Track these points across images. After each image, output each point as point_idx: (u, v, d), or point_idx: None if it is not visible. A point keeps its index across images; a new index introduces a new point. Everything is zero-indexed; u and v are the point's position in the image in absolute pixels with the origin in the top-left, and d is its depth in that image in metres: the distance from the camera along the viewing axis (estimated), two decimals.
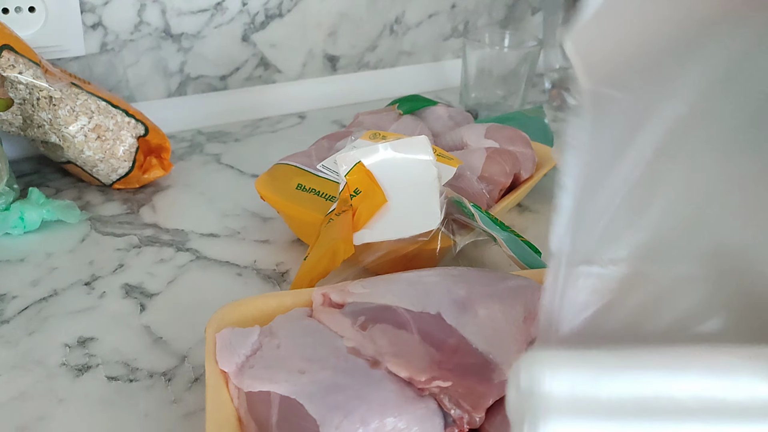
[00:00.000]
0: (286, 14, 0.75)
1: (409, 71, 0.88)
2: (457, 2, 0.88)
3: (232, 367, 0.33)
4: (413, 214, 0.42)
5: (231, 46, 0.73)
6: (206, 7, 0.69)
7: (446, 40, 0.89)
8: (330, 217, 0.42)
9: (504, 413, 0.31)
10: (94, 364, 0.40)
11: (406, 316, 0.34)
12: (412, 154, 0.42)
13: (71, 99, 0.55)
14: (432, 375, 0.31)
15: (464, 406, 0.31)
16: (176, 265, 0.50)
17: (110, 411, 0.37)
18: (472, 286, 0.36)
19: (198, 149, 0.68)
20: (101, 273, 0.48)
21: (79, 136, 0.55)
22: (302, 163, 0.51)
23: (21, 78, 0.52)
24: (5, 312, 0.44)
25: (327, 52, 0.80)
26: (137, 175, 0.59)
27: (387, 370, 0.31)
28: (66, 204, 0.53)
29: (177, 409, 0.37)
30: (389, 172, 0.42)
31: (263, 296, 0.38)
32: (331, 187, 0.48)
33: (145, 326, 0.43)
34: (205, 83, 0.73)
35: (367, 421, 0.29)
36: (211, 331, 0.34)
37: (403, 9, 0.83)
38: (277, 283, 0.48)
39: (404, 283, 0.36)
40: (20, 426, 0.36)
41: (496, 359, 0.32)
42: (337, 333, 0.34)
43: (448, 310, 0.34)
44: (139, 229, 0.54)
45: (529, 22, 0.97)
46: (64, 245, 0.51)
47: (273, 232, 0.54)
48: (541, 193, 0.62)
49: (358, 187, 0.42)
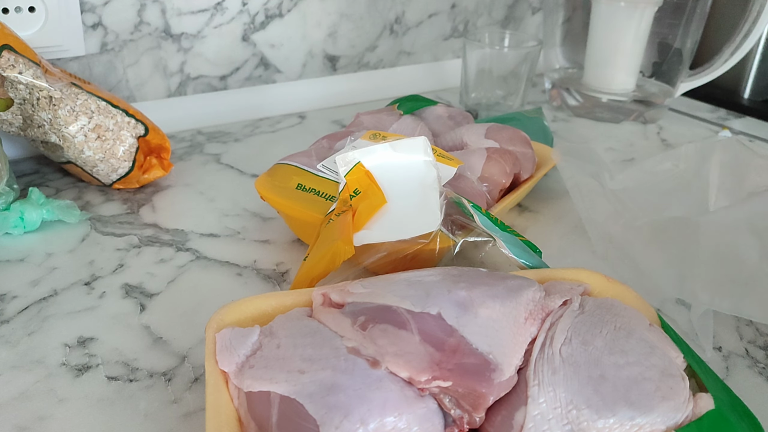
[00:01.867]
0: (286, 14, 0.75)
1: (409, 71, 0.88)
2: (457, 2, 0.88)
3: (232, 367, 0.33)
4: (413, 215, 0.42)
5: (231, 46, 0.73)
6: (206, 7, 0.69)
7: (446, 40, 0.89)
8: (330, 218, 0.42)
9: (504, 413, 0.31)
10: (94, 364, 0.40)
11: (406, 316, 0.34)
12: (412, 154, 0.42)
13: (71, 99, 0.55)
14: (432, 375, 0.31)
15: (464, 406, 0.31)
16: (176, 265, 0.50)
17: (110, 411, 0.37)
18: (472, 286, 0.36)
19: (198, 149, 0.68)
20: (101, 273, 0.48)
21: (79, 136, 0.55)
22: (302, 163, 0.51)
23: (21, 78, 0.52)
24: (5, 312, 0.44)
25: (327, 52, 0.80)
26: (137, 175, 0.59)
27: (387, 370, 0.31)
28: (66, 204, 0.53)
29: (177, 409, 0.37)
30: (389, 173, 0.42)
31: (263, 296, 0.38)
32: (331, 187, 0.48)
33: (145, 326, 0.43)
34: (205, 83, 0.73)
35: (367, 421, 0.29)
36: (211, 331, 0.34)
37: (403, 9, 0.83)
38: (277, 283, 0.48)
39: (404, 283, 0.36)
40: (20, 426, 0.36)
41: (496, 359, 0.32)
42: (337, 333, 0.34)
43: (449, 310, 0.34)
44: (139, 229, 0.54)
45: (529, 22, 0.97)
46: (64, 245, 0.51)
47: (273, 232, 0.54)
48: (541, 193, 0.62)
49: (358, 188, 0.42)
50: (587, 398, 0.30)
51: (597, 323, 0.34)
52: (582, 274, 0.40)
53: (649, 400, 0.30)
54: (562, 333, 0.34)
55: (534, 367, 0.32)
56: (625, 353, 0.32)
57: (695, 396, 0.31)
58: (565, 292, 0.37)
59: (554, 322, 0.35)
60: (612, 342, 0.33)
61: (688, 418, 0.30)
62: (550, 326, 0.35)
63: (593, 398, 0.30)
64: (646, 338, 0.34)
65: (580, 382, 0.31)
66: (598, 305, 0.36)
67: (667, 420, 0.29)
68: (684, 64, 0.83)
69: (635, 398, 0.30)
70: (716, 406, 0.30)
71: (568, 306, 0.36)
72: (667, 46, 0.83)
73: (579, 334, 0.34)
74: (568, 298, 0.37)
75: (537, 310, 0.35)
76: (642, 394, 0.30)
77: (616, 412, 0.29)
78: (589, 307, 0.36)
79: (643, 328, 0.34)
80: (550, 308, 0.36)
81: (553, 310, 0.36)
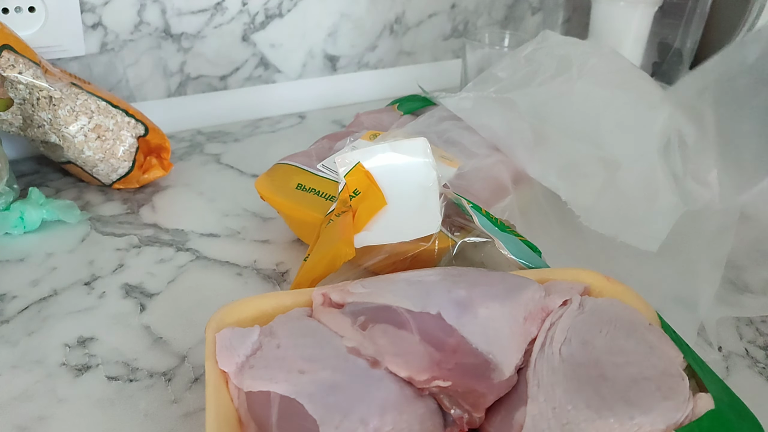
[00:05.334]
0: (286, 14, 0.75)
1: (409, 71, 0.87)
2: (457, 2, 0.88)
3: (232, 367, 0.33)
4: (413, 217, 0.42)
5: (231, 46, 0.73)
6: (206, 7, 0.69)
7: (446, 40, 0.89)
8: (330, 218, 0.42)
9: (504, 413, 0.31)
10: (94, 364, 0.40)
11: (406, 316, 0.34)
12: (412, 156, 0.42)
13: (71, 99, 0.55)
14: (432, 375, 0.31)
15: (464, 406, 0.31)
16: (176, 265, 0.50)
17: (110, 411, 0.37)
18: (472, 286, 0.36)
19: (198, 149, 0.68)
20: (101, 273, 0.48)
21: (79, 136, 0.55)
22: (302, 163, 0.51)
23: (21, 78, 0.52)
24: (5, 312, 0.44)
25: (327, 52, 0.80)
26: (137, 175, 0.59)
27: (387, 369, 0.31)
28: (66, 204, 0.53)
29: (177, 409, 0.37)
30: (389, 174, 0.42)
31: (263, 296, 0.38)
32: (331, 187, 0.48)
33: (145, 326, 0.43)
34: (205, 83, 0.73)
35: (367, 420, 0.29)
36: (211, 331, 0.34)
37: (403, 9, 0.83)
38: (277, 283, 0.48)
39: (404, 283, 0.36)
40: (20, 426, 0.36)
41: (496, 359, 0.32)
42: (337, 333, 0.34)
43: (449, 310, 0.34)
44: (139, 229, 0.54)
45: (529, 22, 0.97)
46: (64, 245, 0.51)
47: (273, 232, 0.54)
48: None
49: (358, 188, 0.42)
50: (587, 398, 0.30)
51: (597, 323, 0.34)
52: (582, 274, 0.40)
53: (648, 400, 0.30)
54: (561, 333, 0.34)
55: (534, 367, 0.32)
56: (624, 353, 0.32)
57: (695, 396, 0.31)
58: (564, 292, 0.37)
59: (554, 322, 0.35)
60: (612, 342, 0.33)
61: (688, 417, 0.30)
62: (550, 326, 0.35)
63: (593, 398, 0.30)
64: (646, 338, 0.33)
65: (579, 382, 0.31)
66: (598, 305, 0.36)
67: (667, 420, 0.29)
68: (684, 64, 0.83)
69: (635, 398, 0.30)
70: (716, 406, 0.30)
71: (567, 306, 0.36)
72: (667, 46, 0.83)
73: (579, 334, 0.34)
74: (567, 298, 0.37)
75: (537, 310, 0.35)
76: (642, 394, 0.30)
77: (616, 412, 0.29)
78: (589, 307, 0.36)
79: (643, 328, 0.34)
80: (550, 308, 0.36)
81: (552, 310, 0.36)
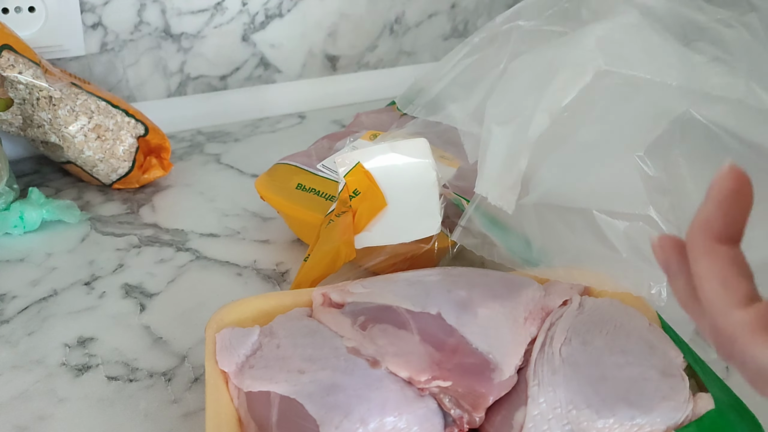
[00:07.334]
0: (286, 14, 0.75)
1: (409, 71, 0.87)
2: (457, 2, 0.87)
3: (232, 367, 0.33)
4: (413, 218, 0.42)
5: (231, 46, 0.73)
6: (206, 7, 0.69)
7: (446, 40, 0.89)
8: (330, 218, 0.42)
9: (504, 413, 0.31)
10: (94, 364, 0.40)
11: (406, 316, 0.34)
12: (412, 156, 0.42)
13: (71, 99, 0.55)
14: (432, 375, 0.31)
15: (464, 406, 0.31)
16: (176, 265, 0.50)
17: (110, 411, 0.37)
18: (472, 286, 0.36)
19: (198, 149, 0.68)
20: (101, 273, 0.48)
21: (78, 136, 0.55)
22: (302, 163, 0.51)
23: (21, 78, 0.52)
24: (5, 312, 0.44)
25: (327, 52, 0.80)
26: (137, 175, 0.59)
27: (387, 369, 0.31)
28: (66, 204, 0.53)
29: (177, 409, 0.37)
30: (389, 175, 0.42)
31: (263, 296, 0.38)
32: (331, 187, 0.48)
33: (145, 326, 0.43)
34: (205, 83, 0.73)
35: (367, 420, 0.29)
36: (211, 331, 0.34)
37: (403, 9, 0.83)
38: (277, 283, 0.48)
39: (404, 283, 0.36)
40: (20, 426, 0.36)
41: (496, 359, 0.32)
42: (337, 333, 0.34)
43: (449, 310, 0.34)
44: (139, 229, 0.54)
45: None
46: (64, 245, 0.51)
47: (273, 232, 0.54)
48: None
49: (358, 188, 0.42)
50: (587, 398, 0.30)
51: (597, 323, 0.34)
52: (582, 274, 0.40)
53: (649, 400, 0.30)
54: (561, 333, 0.34)
55: (534, 367, 0.32)
56: (624, 353, 0.32)
57: (695, 396, 0.31)
58: (564, 292, 0.37)
59: (554, 322, 0.35)
60: (612, 342, 0.33)
61: (688, 417, 0.30)
62: (550, 326, 0.35)
63: (593, 398, 0.30)
64: (646, 338, 0.33)
65: (579, 382, 0.31)
66: (598, 305, 0.36)
67: (667, 420, 0.29)
68: None
69: (635, 398, 0.30)
70: (716, 406, 0.30)
71: (567, 306, 0.36)
72: None
73: (579, 334, 0.34)
74: (567, 298, 0.37)
75: (537, 310, 0.35)
76: (642, 394, 0.30)
77: (616, 412, 0.29)
78: (589, 307, 0.36)
79: (643, 328, 0.34)
80: (550, 308, 0.36)
81: (552, 310, 0.36)
